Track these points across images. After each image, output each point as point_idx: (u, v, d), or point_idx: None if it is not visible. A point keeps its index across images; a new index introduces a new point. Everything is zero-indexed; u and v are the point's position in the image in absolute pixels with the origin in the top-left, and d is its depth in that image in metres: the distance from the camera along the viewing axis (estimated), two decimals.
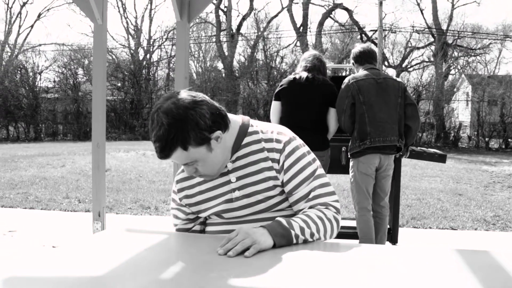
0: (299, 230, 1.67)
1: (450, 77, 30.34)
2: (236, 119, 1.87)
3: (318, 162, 1.88)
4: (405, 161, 5.52)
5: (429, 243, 5.44)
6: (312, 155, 1.88)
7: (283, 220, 1.68)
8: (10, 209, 7.02)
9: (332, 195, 1.84)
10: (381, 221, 4.42)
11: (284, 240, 1.63)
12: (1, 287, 1.24)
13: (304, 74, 4.34)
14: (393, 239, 4.68)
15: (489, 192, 9.14)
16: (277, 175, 1.81)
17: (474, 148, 23.22)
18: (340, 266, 1.46)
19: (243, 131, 1.86)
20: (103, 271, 1.37)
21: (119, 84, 28.35)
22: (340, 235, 2.23)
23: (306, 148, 1.88)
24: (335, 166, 4.61)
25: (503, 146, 23.27)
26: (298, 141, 1.88)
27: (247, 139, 1.84)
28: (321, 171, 1.86)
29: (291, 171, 1.80)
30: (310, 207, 1.79)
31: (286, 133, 1.88)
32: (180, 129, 1.64)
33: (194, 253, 1.59)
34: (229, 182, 1.83)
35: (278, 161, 1.81)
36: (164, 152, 1.67)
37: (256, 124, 1.90)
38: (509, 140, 23.51)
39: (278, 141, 1.83)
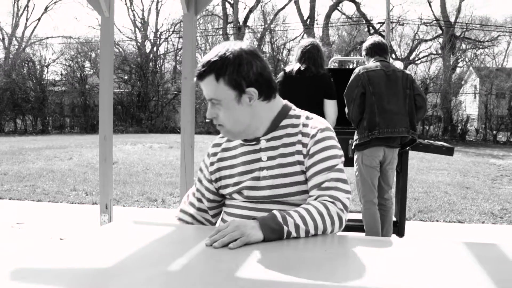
0: (293, 227, 1.61)
1: (458, 70, 30.18)
2: (281, 100, 1.90)
3: (343, 159, 1.83)
4: (412, 154, 5.51)
5: (436, 236, 5.43)
6: (341, 152, 1.83)
7: (278, 214, 1.62)
8: (18, 201, 7.06)
9: (345, 193, 1.76)
10: (386, 213, 4.42)
11: (275, 235, 1.59)
12: (9, 279, 1.25)
13: (296, 66, 4.28)
14: (400, 232, 4.68)
15: (496, 185, 9.11)
16: (304, 160, 1.79)
17: (482, 141, 23.11)
18: (346, 259, 1.45)
19: (284, 112, 1.87)
20: (110, 263, 1.37)
21: (126, 77, 28.34)
22: (346, 228, 2.24)
23: (337, 143, 1.84)
24: None
25: (511, 139, 23.15)
26: (333, 133, 1.84)
27: (285, 121, 1.85)
28: (342, 166, 1.81)
29: (314, 158, 1.77)
30: (318, 196, 1.73)
31: (325, 123, 1.86)
32: (223, 59, 1.71)
33: (202, 245, 1.59)
34: (259, 160, 1.82)
35: (306, 145, 1.79)
36: (200, 70, 1.74)
37: (300, 111, 1.92)
38: None
39: (314, 127, 1.82)
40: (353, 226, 4.55)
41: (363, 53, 4.55)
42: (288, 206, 1.76)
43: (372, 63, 4.35)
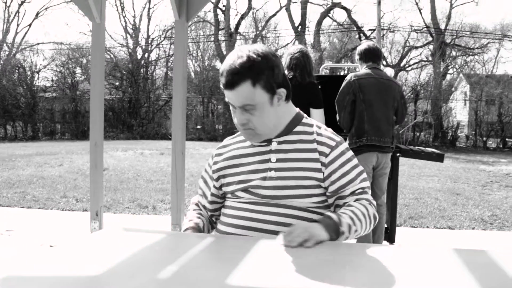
0: (346, 227, 1.71)
1: (448, 77, 30.37)
2: (294, 107, 1.94)
3: (362, 168, 1.93)
4: (402, 160, 5.54)
5: (427, 242, 5.44)
6: (356, 160, 1.93)
7: (333, 216, 1.71)
8: (8, 208, 7.00)
9: (372, 197, 1.90)
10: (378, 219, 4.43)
11: (334, 235, 1.68)
12: None
13: None
14: (390, 238, 4.68)
15: (486, 192, 9.15)
16: (321, 167, 1.82)
17: (472, 148, 23.24)
18: (337, 266, 1.46)
19: (299, 118, 1.92)
20: (100, 270, 1.37)
21: (117, 83, 28.29)
22: None
23: (352, 152, 1.93)
24: None
25: (501, 146, 23.31)
26: (347, 145, 1.93)
27: (299, 128, 1.89)
28: (365, 175, 1.92)
29: (341, 170, 1.83)
30: (356, 200, 1.83)
31: (337, 135, 1.94)
32: (258, 63, 1.70)
33: (192, 252, 1.59)
34: (268, 161, 1.85)
35: (326, 155, 1.83)
36: (234, 78, 1.70)
37: (310, 119, 1.96)
38: (507, 139, 23.55)
39: (331, 138, 1.87)
40: None
41: (357, 57, 4.55)
42: (289, 210, 1.80)
43: (364, 70, 4.37)
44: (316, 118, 4.16)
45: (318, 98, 4.21)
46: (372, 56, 4.44)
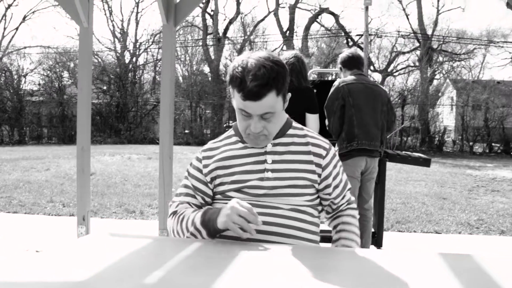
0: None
1: (435, 82, 30.63)
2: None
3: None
4: (390, 165, 5.55)
5: (414, 246, 5.47)
6: None
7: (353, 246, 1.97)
8: None
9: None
10: (365, 224, 4.45)
11: None
12: None
13: None
14: (378, 243, 4.70)
15: (473, 196, 9.22)
16: (316, 169, 1.90)
17: (459, 152, 23.43)
18: (325, 270, 1.46)
19: (290, 122, 1.99)
20: (87, 275, 1.36)
21: (104, 88, 28.19)
22: (324, 239, 2.27)
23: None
24: None
25: (487, 151, 23.52)
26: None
27: (291, 131, 1.96)
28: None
29: (334, 171, 1.95)
30: (347, 203, 2.05)
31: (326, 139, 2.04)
32: (281, 73, 1.74)
33: (179, 257, 1.58)
34: (264, 162, 1.89)
35: (323, 157, 1.92)
36: (262, 90, 1.70)
37: (297, 123, 2.03)
38: (493, 144, 23.76)
39: (325, 142, 1.97)
40: (331, 237, 4.56)
41: (339, 65, 4.58)
42: (278, 210, 1.83)
43: (351, 76, 4.40)
44: (311, 123, 4.15)
45: (314, 103, 4.20)
46: (356, 63, 4.50)
